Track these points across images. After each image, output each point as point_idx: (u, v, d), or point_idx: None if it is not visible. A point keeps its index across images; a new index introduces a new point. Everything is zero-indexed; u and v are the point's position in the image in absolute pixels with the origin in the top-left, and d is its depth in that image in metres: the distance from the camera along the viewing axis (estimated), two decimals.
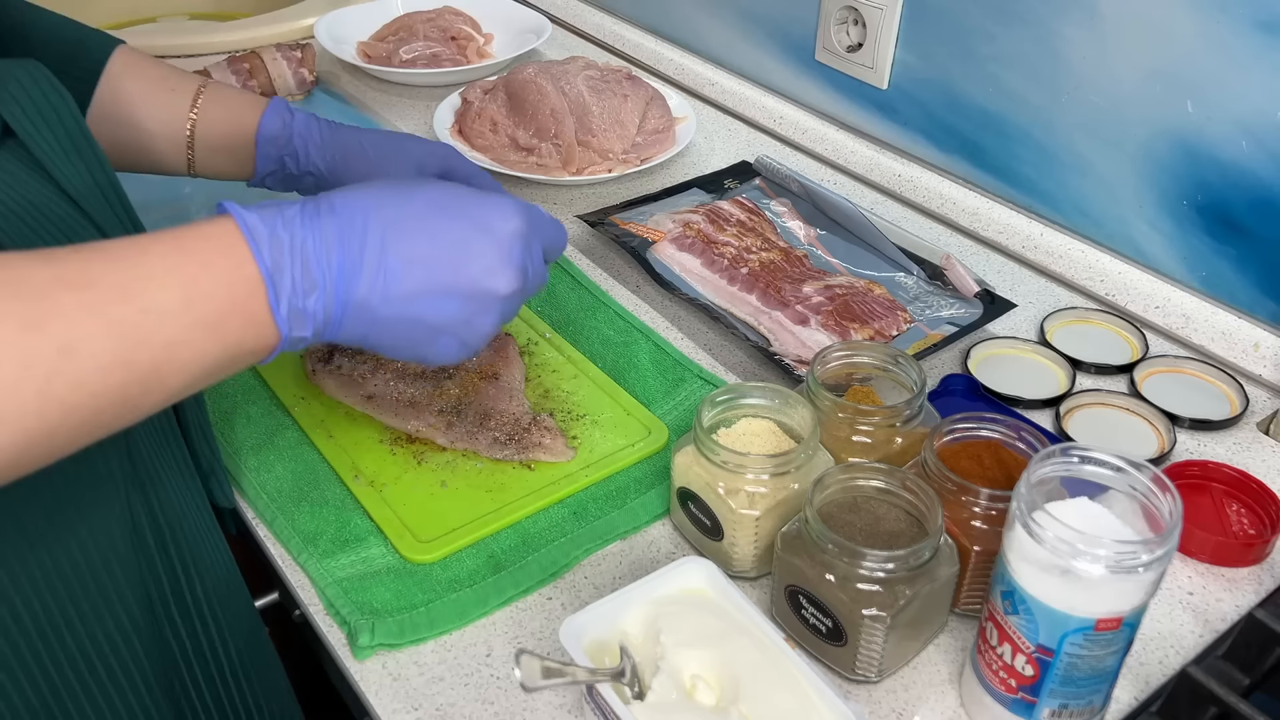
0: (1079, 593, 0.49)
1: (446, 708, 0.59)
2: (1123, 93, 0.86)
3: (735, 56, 1.23)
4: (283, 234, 0.50)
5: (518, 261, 0.57)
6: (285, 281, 0.50)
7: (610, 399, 0.79)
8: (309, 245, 0.51)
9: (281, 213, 0.51)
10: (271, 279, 0.50)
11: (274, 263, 0.50)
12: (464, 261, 0.55)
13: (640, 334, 0.85)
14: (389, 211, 0.54)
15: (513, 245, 0.57)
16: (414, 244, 0.54)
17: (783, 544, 0.60)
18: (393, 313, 0.54)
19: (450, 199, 0.57)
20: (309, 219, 0.52)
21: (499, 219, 0.57)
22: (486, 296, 0.57)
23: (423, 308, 0.55)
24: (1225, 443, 0.77)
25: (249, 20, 1.40)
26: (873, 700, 0.59)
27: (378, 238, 0.53)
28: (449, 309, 0.56)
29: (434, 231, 0.55)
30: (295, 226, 0.51)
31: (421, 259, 0.54)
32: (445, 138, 1.10)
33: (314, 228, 0.51)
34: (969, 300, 0.89)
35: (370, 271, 0.53)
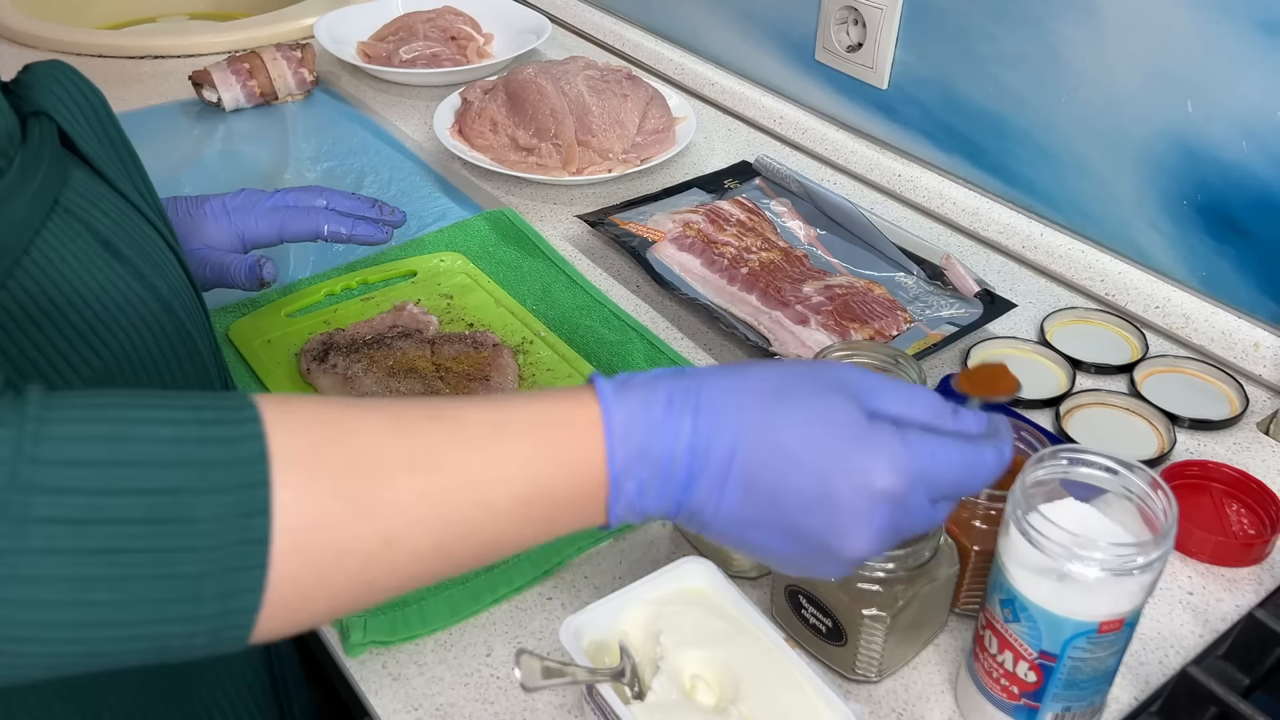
0: (1079, 596, 0.49)
1: (446, 707, 0.59)
2: (1123, 93, 0.86)
3: (735, 56, 1.23)
4: (643, 436, 0.45)
5: (878, 526, 0.46)
6: (629, 485, 0.45)
7: None
8: (664, 454, 0.46)
9: (648, 406, 0.46)
10: (617, 482, 0.45)
11: (625, 468, 0.45)
12: (810, 511, 0.46)
13: (635, 333, 0.85)
14: (749, 427, 0.46)
15: (875, 508, 0.46)
16: (762, 472, 0.46)
17: None
18: (725, 529, 0.48)
19: (827, 426, 0.46)
20: (674, 418, 0.46)
21: (869, 474, 0.46)
22: (828, 552, 0.47)
23: (757, 537, 0.48)
24: (1225, 443, 0.77)
25: (249, 20, 1.40)
26: (873, 700, 0.59)
27: (727, 453, 0.46)
28: (785, 547, 0.48)
29: (788, 465, 0.46)
30: (658, 429, 0.46)
31: (765, 492, 0.46)
32: (445, 138, 1.10)
33: (677, 428, 0.46)
34: (969, 300, 0.89)
35: (709, 484, 0.46)
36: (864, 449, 0.46)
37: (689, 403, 0.46)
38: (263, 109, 1.22)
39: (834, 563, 0.48)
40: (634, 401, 0.46)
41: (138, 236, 0.55)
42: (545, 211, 1.03)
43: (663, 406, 0.46)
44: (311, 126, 1.19)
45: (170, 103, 1.23)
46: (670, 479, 0.46)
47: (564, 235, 1.00)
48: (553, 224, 1.01)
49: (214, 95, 1.18)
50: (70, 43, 1.34)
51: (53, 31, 1.35)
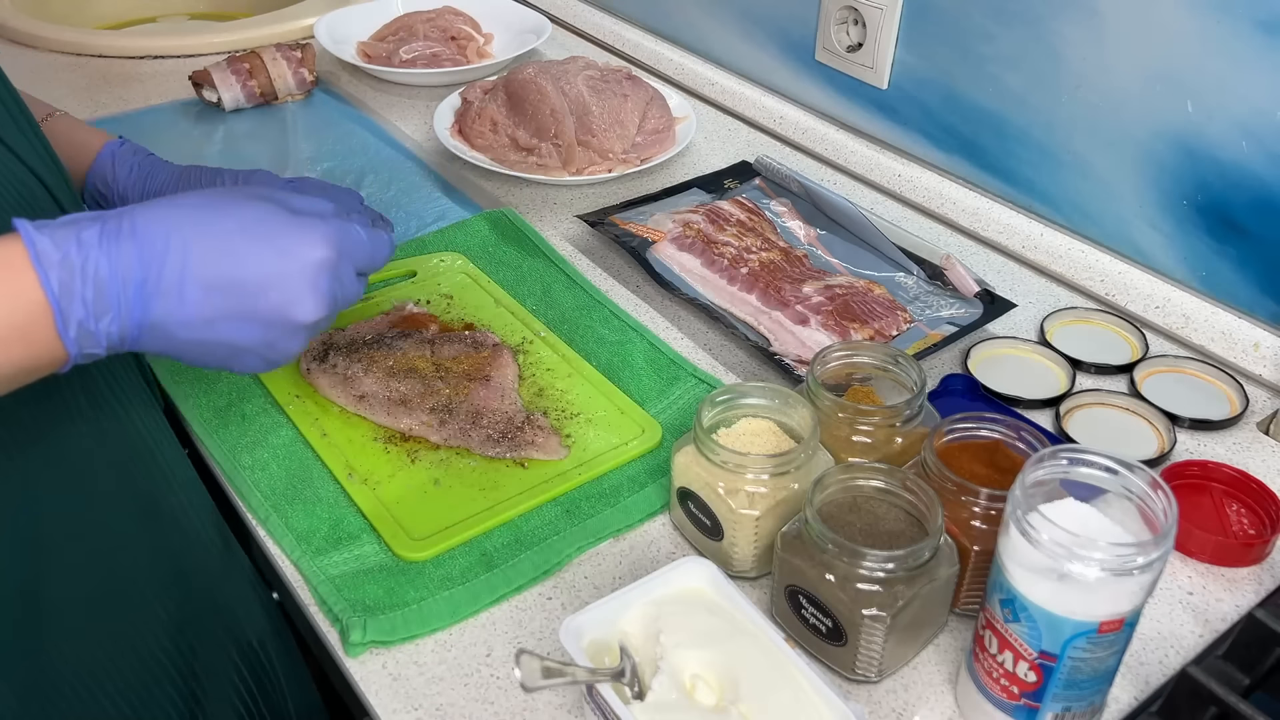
0: (1079, 596, 0.49)
1: (446, 708, 0.59)
2: (1123, 93, 0.86)
3: (735, 56, 1.23)
4: (75, 257, 0.49)
5: (324, 290, 0.56)
6: (75, 306, 0.49)
7: (604, 397, 0.79)
8: (103, 269, 0.49)
9: (79, 234, 0.50)
10: (59, 305, 0.48)
11: (62, 288, 0.48)
12: (265, 290, 0.54)
13: (635, 332, 0.85)
14: (192, 232, 0.52)
15: (319, 274, 0.56)
16: (215, 269, 0.53)
17: (783, 544, 0.60)
18: (191, 336, 0.53)
19: (258, 221, 0.55)
20: (108, 240, 0.50)
21: (306, 247, 0.55)
22: (289, 324, 0.56)
23: (221, 332, 0.54)
24: (1225, 443, 0.77)
25: (249, 20, 1.40)
26: (873, 700, 0.59)
27: (178, 261, 0.51)
28: (249, 334, 0.55)
29: (237, 256, 0.53)
30: (91, 249, 0.49)
31: (221, 285, 0.53)
32: (445, 138, 1.10)
33: (112, 250, 0.50)
34: (969, 300, 0.89)
35: (169, 297, 0.51)
36: (300, 230, 0.55)
37: (124, 225, 0.51)
38: (263, 109, 1.22)
39: (293, 333, 0.56)
40: (63, 231, 0.49)
41: None
42: (545, 211, 1.03)
43: (95, 231, 0.50)
44: (311, 126, 1.18)
45: (170, 103, 1.23)
46: (123, 296, 0.50)
47: (564, 235, 1.00)
48: (553, 224, 1.01)
49: (214, 95, 1.18)
50: (70, 43, 1.34)
51: (53, 31, 1.35)
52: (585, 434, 0.75)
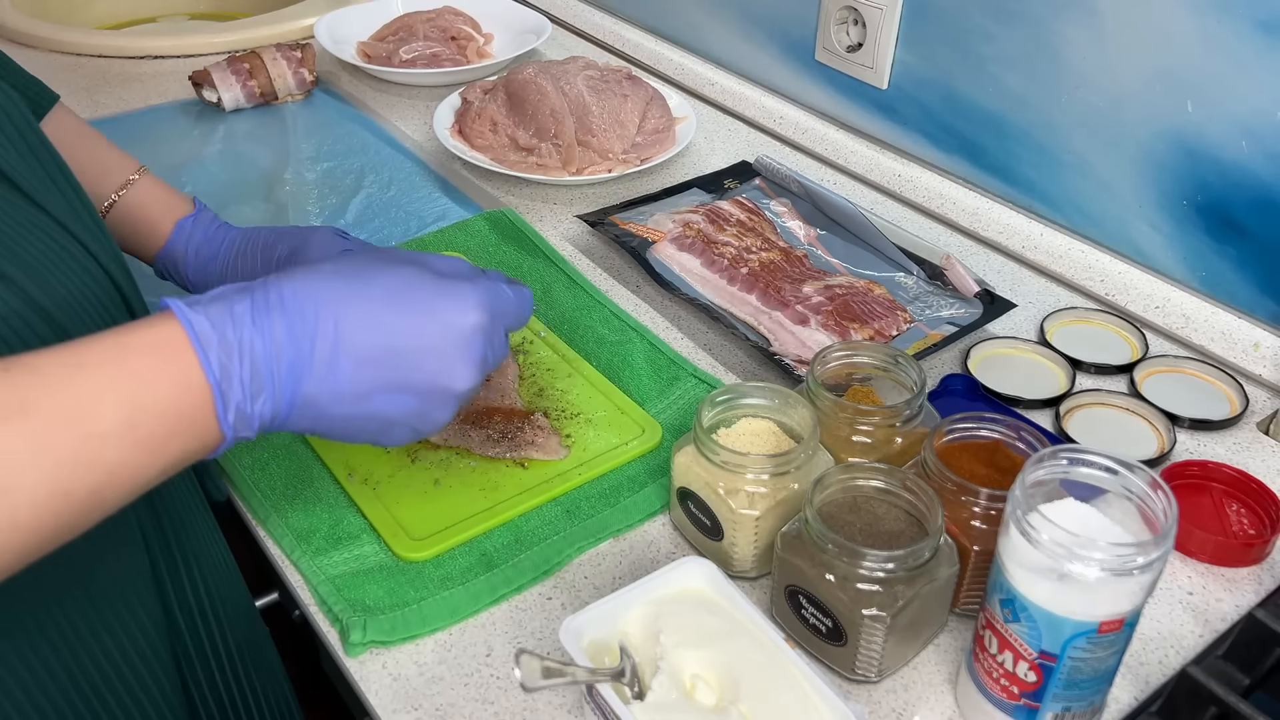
0: (1079, 596, 0.49)
1: (446, 708, 0.59)
2: (1123, 93, 0.86)
3: (735, 56, 1.23)
4: (231, 336, 0.47)
5: (477, 357, 0.54)
6: (234, 388, 0.47)
7: (604, 397, 0.79)
8: (258, 347, 0.48)
9: (231, 309, 0.48)
10: (220, 388, 0.47)
11: (222, 370, 0.47)
12: (420, 360, 0.52)
13: (635, 333, 0.85)
14: (343, 305, 0.50)
15: (473, 340, 0.54)
16: (368, 340, 0.51)
17: (783, 544, 0.60)
18: (343, 411, 0.51)
19: (409, 288, 0.53)
20: (259, 315, 0.48)
21: (459, 314, 0.53)
22: (443, 394, 0.54)
23: (375, 405, 0.52)
24: (1225, 443, 0.77)
25: (249, 20, 1.40)
26: (873, 700, 0.59)
27: (329, 334, 0.50)
28: (403, 405, 0.53)
29: (390, 328, 0.51)
30: (245, 326, 0.48)
31: (375, 359, 0.51)
32: (445, 138, 1.10)
33: (263, 326, 0.48)
34: (969, 300, 0.89)
35: (321, 371, 0.50)
36: (450, 297, 0.53)
37: (271, 298, 0.49)
38: (263, 109, 1.22)
39: (447, 403, 0.54)
40: (215, 308, 0.48)
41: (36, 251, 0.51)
42: (545, 211, 1.03)
43: (247, 307, 0.48)
44: (311, 126, 1.19)
45: (170, 103, 1.23)
46: (275, 374, 0.48)
47: (564, 235, 1.00)
48: (553, 224, 1.01)
49: (214, 95, 1.19)
50: (70, 43, 1.34)
51: (53, 31, 1.35)
52: (585, 434, 0.75)
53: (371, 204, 1.04)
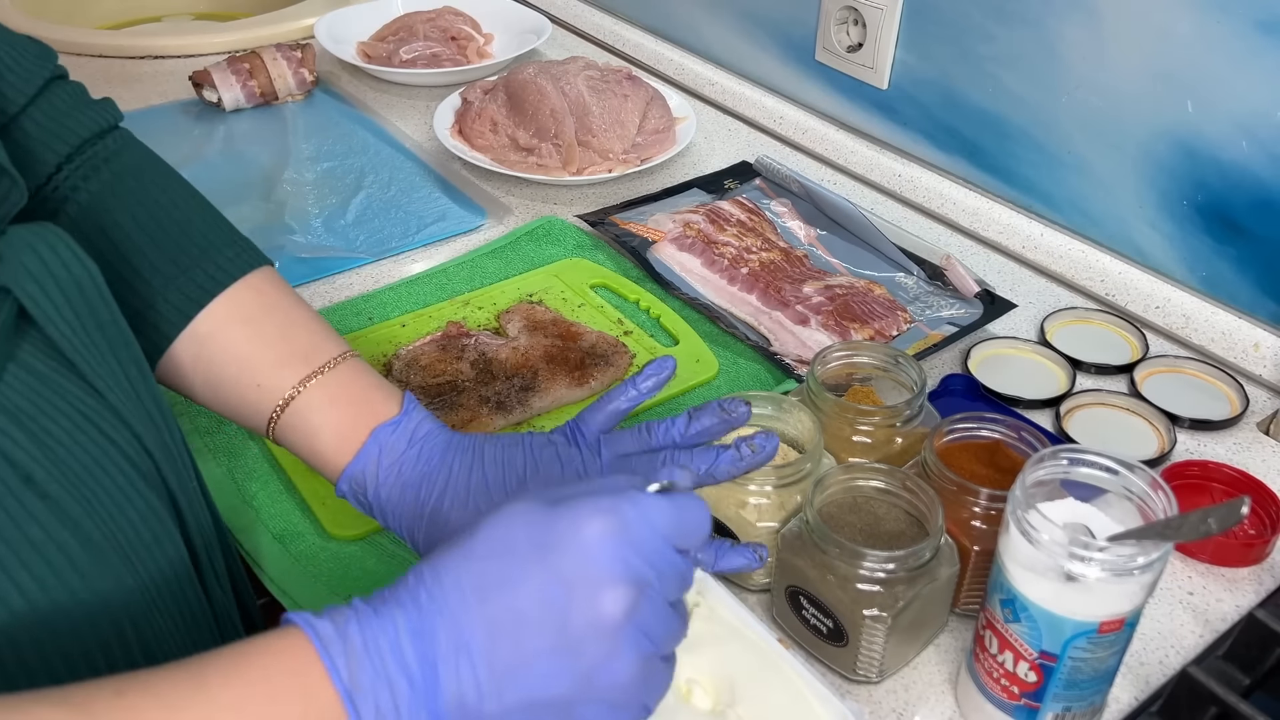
0: (1079, 596, 0.49)
1: None
2: (1123, 93, 0.86)
3: (735, 56, 1.23)
4: (357, 641, 0.41)
5: (617, 571, 0.43)
6: (368, 707, 0.40)
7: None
8: (386, 651, 0.41)
9: (355, 608, 0.42)
10: (352, 703, 0.40)
11: (352, 681, 0.40)
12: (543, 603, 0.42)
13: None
14: (448, 582, 0.42)
15: (599, 555, 0.43)
16: (487, 614, 0.42)
17: (783, 544, 0.60)
18: (497, 707, 0.42)
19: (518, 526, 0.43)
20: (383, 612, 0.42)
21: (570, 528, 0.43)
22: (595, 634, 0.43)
23: (527, 688, 0.42)
24: (1225, 443, 0.77)
25: (249, 20, 1.40)
26: (873, 700, 0.59)
27: (448, 624, 0.42)
28: (558, 675, 0.43)
29: (504, 582, 0.42)
30: (371, 624, 0.41)
31: (500, 630, 0.42)
32: (445, 138, 1.10)
33: (384, 627, 0.41)
34: (969, 300, 0.89)
35: (449, 667, 0.42)
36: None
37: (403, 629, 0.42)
38: (263, 109, 1.22)
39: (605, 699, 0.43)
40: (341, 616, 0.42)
41: (85, 457, 0.45)
42: (545, 211, 1.03)
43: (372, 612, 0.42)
44: (311, 127, 1.18)
45: (170, 103, 1.23)
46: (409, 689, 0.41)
47: None
48: None
49: (214, 95, 1.18)
50: (70, 43, 1.34)
51: (53, 31, 1.35)
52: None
53: (371, 204, 1.04)
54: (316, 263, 0.95)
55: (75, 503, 0.44)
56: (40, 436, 0.44)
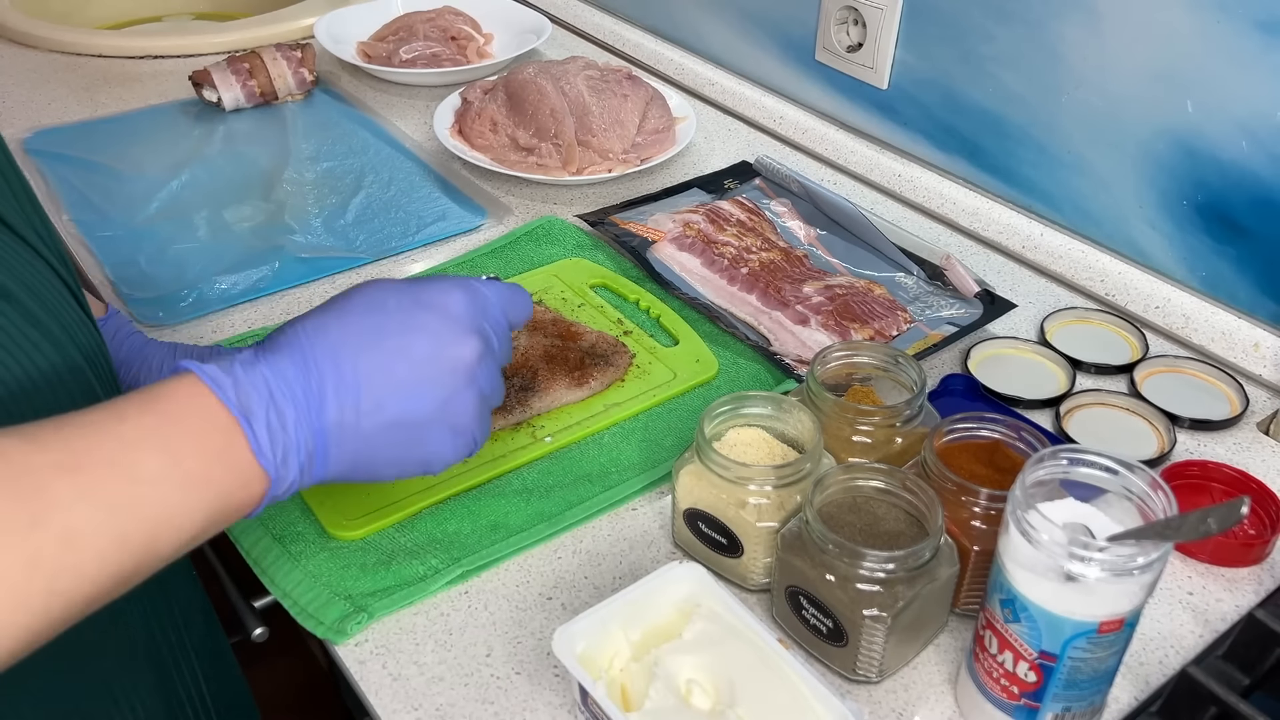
0: (1079, 596, 0.49)
1: (446, 708, 0.59)
2: (1123, 93, 0.86)
3: (735, 56, 1.23)
4: (242, 376, 0.50)
5: (471, 325, 0.56)
6: (259, 422, 0.49)
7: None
8: (271, 382, 0.50)
9: (236, 356, 0.51)
10: (246, 420, 0.49)
11: (241, 404, 0.49)
12: (415, 343, 0.54)
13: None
14: (333, 333, 0.53)
15: (460, 314, 0.56)
16: (366, 354, 0.53)
17: (783, 544, 0.60)
18: (371, 424, 0.53)
19: (385, 294, 0.56)
20: (263, 357, 0.51)
21: (438, 294, 0.56)
22: (453, 370, 0.55)
23: (396, 408, 0.54)
24: (1225, 443, 0.77)
25: (249, 20, 1.40)
26: (873, 700, 0.59)
27: (330, 361, 0.52)
28: (422, 399, 0.55)
29: (378, 330, 0.54)
30: (254, 366, 0.50)
31: (377, 365, 0.53)
32: (445, 138, 1.10)
33: (270, 363, 0.51)
34: (969, 300, 0.89)
35: (334, 393, 0.52)
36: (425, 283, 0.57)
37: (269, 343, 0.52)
38: (263, 109, 1.22)
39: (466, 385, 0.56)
40: (223, 358, 0.51)
41: (26, 273, 0.52)
42: (545, 211, 1.03)
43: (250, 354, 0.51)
44: (311, 126, 1.18)
45: (170, 103, 1.23)
46: (295, 403, 0.50)
47: None
48: None
49: (214, 95, 1.18)
50: (70, 43, 1.34)
51: (53, 31, 1.35)
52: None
53: (371, 204, 1.04)
54: (316, 263, 0.95)
55: (33, 302, 0.51)
56: None
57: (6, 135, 1.14)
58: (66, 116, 1.19)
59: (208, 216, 1.01)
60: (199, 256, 0.95)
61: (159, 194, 1.04)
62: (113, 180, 1.06)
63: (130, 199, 1.03)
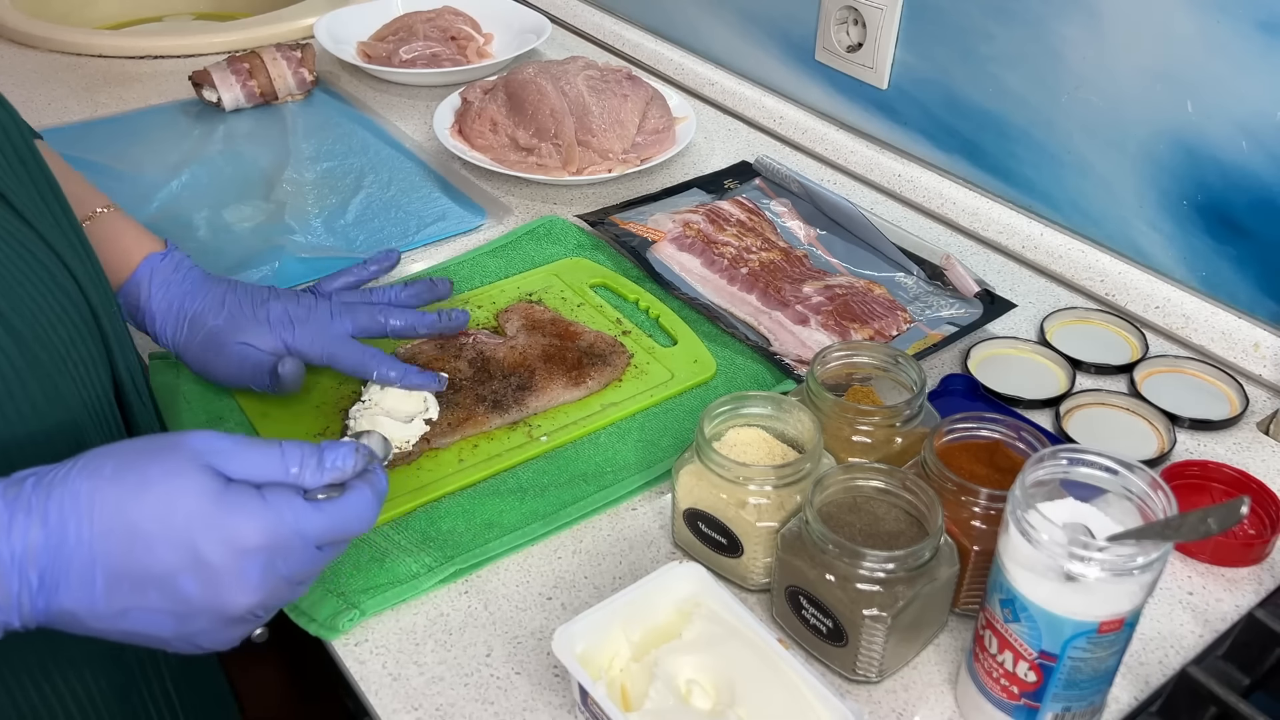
0: (1078, 596, 0.49)
1: (446, 708, 0.59)
2: (1123, 93, 0.86)
3: (735, 56, 1.23)
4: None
5: (255, 580, 0.49)
6: None
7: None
8: (15, 552, 0.45)
9: None
10: None
11: None
12: (182, 585, 0.47)
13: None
14: (103, 516, 0.46)
15: (248, 565, 0.48)
16: (129, 563, 0.47)
17: (783, 544, 0.60)
18: (103, 625, 0.48)
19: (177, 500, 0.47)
20: (16, 518, 0.45)
21: (236, 534, 0.48)
22: (216, 613, 0.49)
23: (135, 624, 0.48)
24: (1225, 443, 0.77)
25: (249, 20, 1.40)
26: (873, 700, 0.59)
27: (88, 549, 0.46)
28: (166, 626, 0.49)
29: (152, 550, 0.47)
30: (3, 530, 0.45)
31: (131, 576, 0.47)
32: (445, 138, 1.10)
33: (22, 531, 0.45)
34: (969, 300, 0.89)
35: (76, 585, 0.46)
36: (225, 512, 0.47)
37: (35, 502, 0.45)
38: (263, 109, 1.22)
39: (225, 623, 0.49)
40: None
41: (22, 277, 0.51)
42: (545, 211, 1.03)
43: (3, 510, 0.45)
44: (311, 126, 1.18)
45: (170, 103, 1.23)
46: (26, 584, 0.45)
47: None
48: None
49: (214, 95, 1.18)
50: (70, 43, 1.34)
51: (53, 31, 1.35)
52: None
53: (371, 204, 1.04)
54: (316, 263, 0.95)
55: (17, 316, 0.49)
56: None
57: None
58: (66, 116, 1.19)
59: (208, 216, 1.01)
60: (199, 256, 0.95)
61: (159, 194, 1.04)
62: (113, 180, 1.06)
63: (130, 199, 1.03)
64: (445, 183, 1.08)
